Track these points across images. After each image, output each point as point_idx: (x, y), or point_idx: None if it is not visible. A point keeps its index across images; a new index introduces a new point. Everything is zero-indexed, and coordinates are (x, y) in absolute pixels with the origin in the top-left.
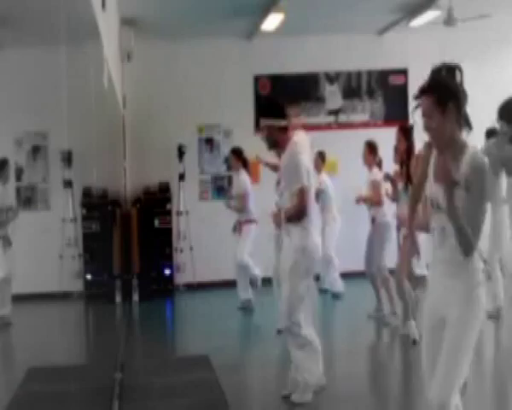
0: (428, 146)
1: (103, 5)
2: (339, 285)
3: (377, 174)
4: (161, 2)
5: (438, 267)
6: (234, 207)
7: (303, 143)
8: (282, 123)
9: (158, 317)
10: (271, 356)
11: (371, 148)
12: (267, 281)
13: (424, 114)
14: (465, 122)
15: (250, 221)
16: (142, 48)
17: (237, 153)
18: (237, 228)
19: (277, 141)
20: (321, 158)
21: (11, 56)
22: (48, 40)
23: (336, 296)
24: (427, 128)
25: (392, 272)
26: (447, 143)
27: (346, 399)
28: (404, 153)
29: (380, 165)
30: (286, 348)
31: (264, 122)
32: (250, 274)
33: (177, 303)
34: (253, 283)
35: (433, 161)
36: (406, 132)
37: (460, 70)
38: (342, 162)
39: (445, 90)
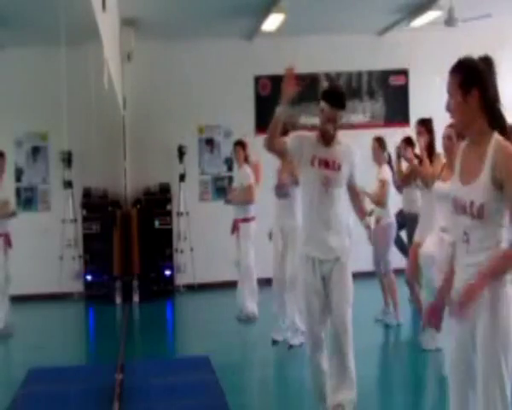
0: (448, 138)
1: (103, 6)
2: None
3: (387, 173)
4: (161, 2)
5: (461, 274)
6: (237, 198)
7: None
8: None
9: (158, 318)
10: (272, 358)
11: (381, 143)
12: (265, 281)
13: (448, 92)
14: (494, 118)
15: (249, 219)
16: (143, 48)
17: (243, 144)
18: (235, 228)
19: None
20: None
21: (11, 56)
22: (48, 40)
23: None
24: (448, 108)
25: (399, 271)
26: (469, 130)
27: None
28: (426, 148)
29: (389, 161)
30: (286, 350)
31: (341, 115)
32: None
33: (178, 304)
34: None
35: (460, 157)
36: (427, 124)
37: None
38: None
39: (472, 73)
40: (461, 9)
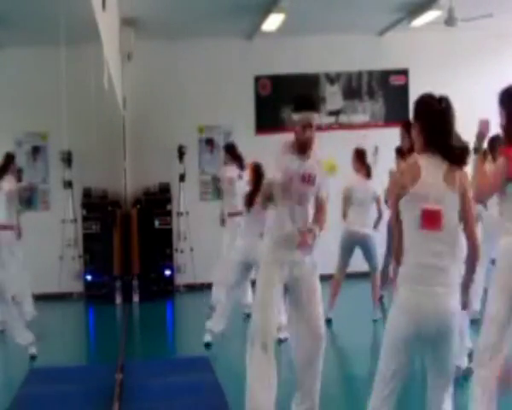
0: None
1: (103, 5)
2: None
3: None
4: (161, 2)
5: None
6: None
7: None
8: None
9: (158, 318)
10: None
11: (358, 155)
12: None
13: None
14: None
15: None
16: (142, 48)
17: (231, 148)
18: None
19: (312, 141)
20: None
21: (11, 56)
22: (48, 40)
23: None
24: None
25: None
26: None
27: (347, 400)
28: (408, 152)
29: (368, 173)
30: (285, 350)
31: (314, 117)
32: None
33: (178, 304)
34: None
35: None
36: (410, 128)
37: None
38: (342, 163)
39: (416, 110)
40: (461, 9)
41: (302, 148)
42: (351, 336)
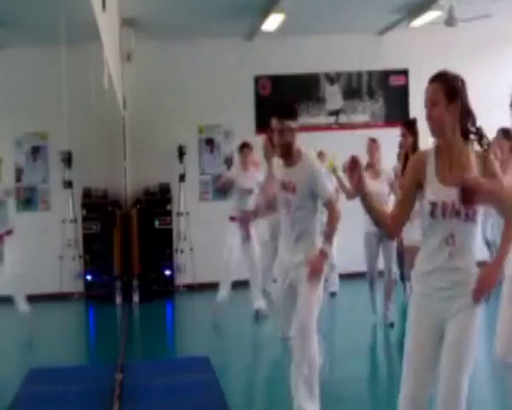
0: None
1: (103, 5)
2: (336, 285)
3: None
4: (161, 2)
5: (439, 276)
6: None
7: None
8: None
9: (158, 318)
10: (272, 358)
11: (378, 144)
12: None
13: (429, 101)
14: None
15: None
16: (142, 48)
17: (250, 147)
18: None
19: (292, 147)
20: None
21: (11, 56)
22: (48, 40)
23: (332, 295)
24: (429, 117)
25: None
26: (448, 139)
27: (348, 400)
28: (410, 148)
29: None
30: (286, 350)
31: (284, 124)
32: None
33: (178, 304)
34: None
35: (432, 164)
36: (411, 126)
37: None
38: (342, 163)
39: (457, 86)
40: (461, 9)
41: (281, 153)
42: (353, 337)
